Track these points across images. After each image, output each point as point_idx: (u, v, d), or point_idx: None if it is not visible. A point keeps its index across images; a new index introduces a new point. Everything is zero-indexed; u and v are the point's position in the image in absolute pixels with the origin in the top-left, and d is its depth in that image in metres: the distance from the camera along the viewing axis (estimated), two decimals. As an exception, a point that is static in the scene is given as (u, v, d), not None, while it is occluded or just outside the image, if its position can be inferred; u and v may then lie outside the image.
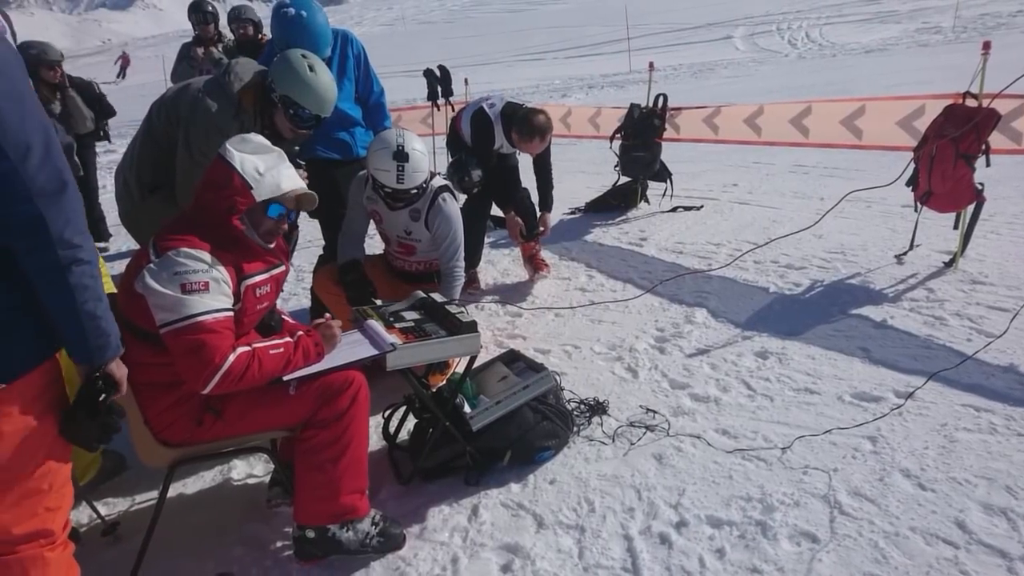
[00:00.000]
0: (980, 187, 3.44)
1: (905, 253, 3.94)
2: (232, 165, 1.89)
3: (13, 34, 2.14)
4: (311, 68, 2.64)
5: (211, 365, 1.78)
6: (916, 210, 3.79)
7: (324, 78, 2.68)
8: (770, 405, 2.70)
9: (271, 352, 1.90)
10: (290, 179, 1.99)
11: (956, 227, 3.69)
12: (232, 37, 5.97)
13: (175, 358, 1.81)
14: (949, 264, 3.73)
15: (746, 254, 4.19)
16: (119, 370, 1.50)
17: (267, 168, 1.94)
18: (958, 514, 2.03)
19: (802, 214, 4.88)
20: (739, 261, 4.13)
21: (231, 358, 1.80)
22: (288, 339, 1.98)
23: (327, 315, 2.20)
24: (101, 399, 1.44)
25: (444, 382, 2.83)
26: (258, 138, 2.02)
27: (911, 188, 3.73)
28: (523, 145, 3.92)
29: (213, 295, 1.81)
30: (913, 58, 13.22)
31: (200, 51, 5.88)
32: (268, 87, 2.65)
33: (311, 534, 2.02)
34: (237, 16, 5.90)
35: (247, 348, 1.86)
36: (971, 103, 3.44)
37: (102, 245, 5.87)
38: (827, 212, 4.06)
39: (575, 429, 2.64)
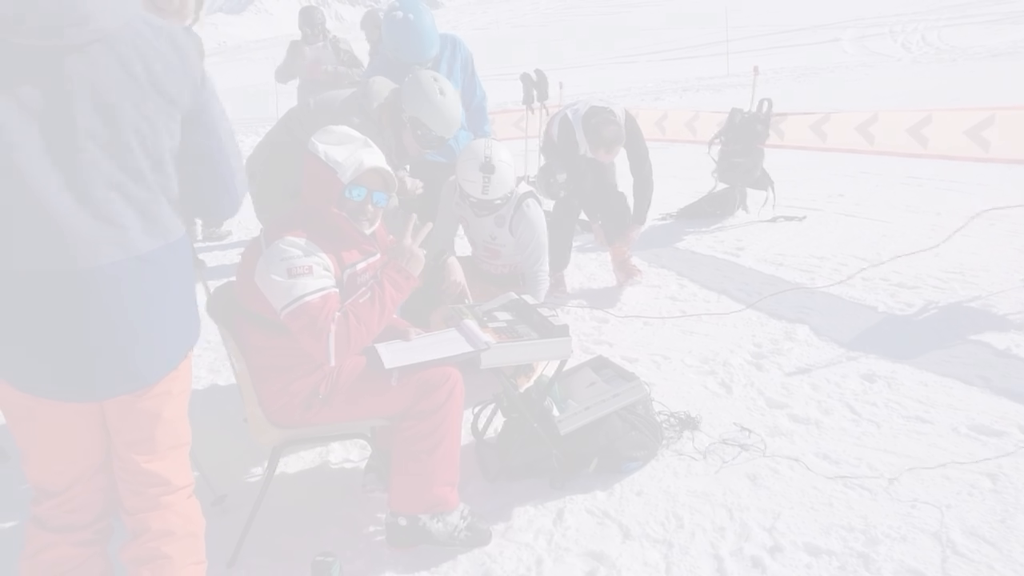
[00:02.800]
0: None
1: (1035, 277, 3.62)
2: (317, 156, 1.99)
3: None
4: (441, 92, 2.72)
5: (322, 338, 1.89)
6: (1051, 230, 3.48)
7: (452, 101, 2.76)
8: (876, 431, 2.55)
9: (360, 302, 1.97)
10: (372, 158, 2.03)
11: (1099, 251, 3.36)
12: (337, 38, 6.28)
13: (298, 339, 1.93)
14: (1089, 291, 3.40)
15: (858, 273, 3.93)
16: None
17: (349, 152, 2.00)
18: (1096, 568, 1.84)
19: (916, 230, 4.56)
20: (846, 277, 3.91)
21: (332, 328, 1.90)
22: (371, 282, 2.03)
23: (391, 237, 2.25)
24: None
25: (531, 384, 2.85)
26: (342, 128, 2.08)
27: (1046, 206, 3.43)
28: (593, 153, 3.94)
29: (316, 276, 1.91)
30: (1052, 62, 12.09)
31: (314, 56, 6.18)
32: (398, 107, 2.75)
33: (403, 522, 2.09)
34: (372, 21, 6.19)
35: (339, 313, 1.94)
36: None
37: (223, 229, 6.25)
38: (955, 231, 3.73)
39: (664, 442, 2.59)
